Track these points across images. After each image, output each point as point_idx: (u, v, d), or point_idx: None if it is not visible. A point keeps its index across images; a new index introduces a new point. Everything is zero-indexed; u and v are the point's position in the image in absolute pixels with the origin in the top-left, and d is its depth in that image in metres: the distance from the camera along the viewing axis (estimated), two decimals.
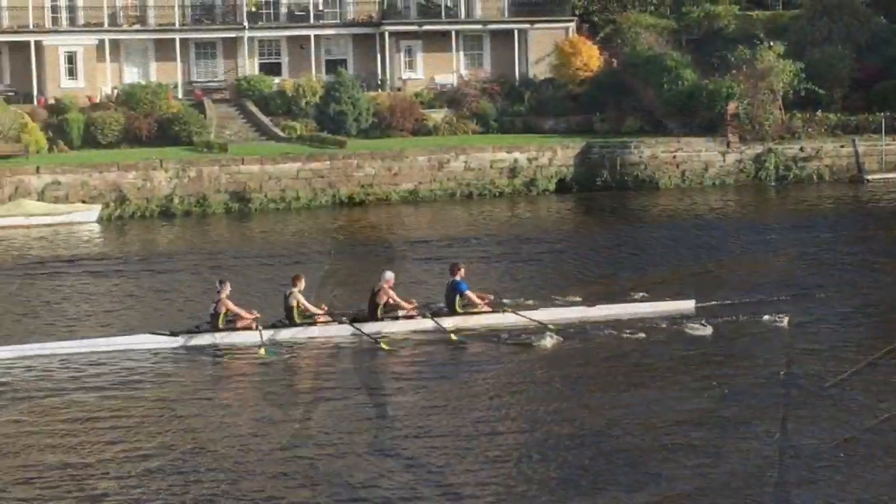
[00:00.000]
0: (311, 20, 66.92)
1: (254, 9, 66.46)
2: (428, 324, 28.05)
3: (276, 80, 65.10)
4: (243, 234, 49.07)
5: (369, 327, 27.55)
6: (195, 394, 23.70)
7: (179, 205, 53.68)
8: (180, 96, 63.46)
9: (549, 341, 26.52)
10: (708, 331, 27.30)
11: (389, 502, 17.38)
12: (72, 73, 62.29)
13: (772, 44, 62.40)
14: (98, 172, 53.47)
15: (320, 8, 67.42)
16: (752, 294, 31.52)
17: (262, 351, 26.12)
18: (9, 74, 63.24)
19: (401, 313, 28.07)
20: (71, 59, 62.36)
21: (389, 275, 28.23)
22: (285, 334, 27.52)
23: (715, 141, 60.46)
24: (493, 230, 47.50)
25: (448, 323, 27.81)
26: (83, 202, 52.57)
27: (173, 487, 18.15)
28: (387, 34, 67.25)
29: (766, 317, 28.36)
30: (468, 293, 28.33)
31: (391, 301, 27.93)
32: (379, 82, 66.77)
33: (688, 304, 29.73)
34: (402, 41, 68.15)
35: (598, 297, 31.33)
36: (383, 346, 26.50)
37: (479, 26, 69.21)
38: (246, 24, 65.78)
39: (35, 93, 61.74)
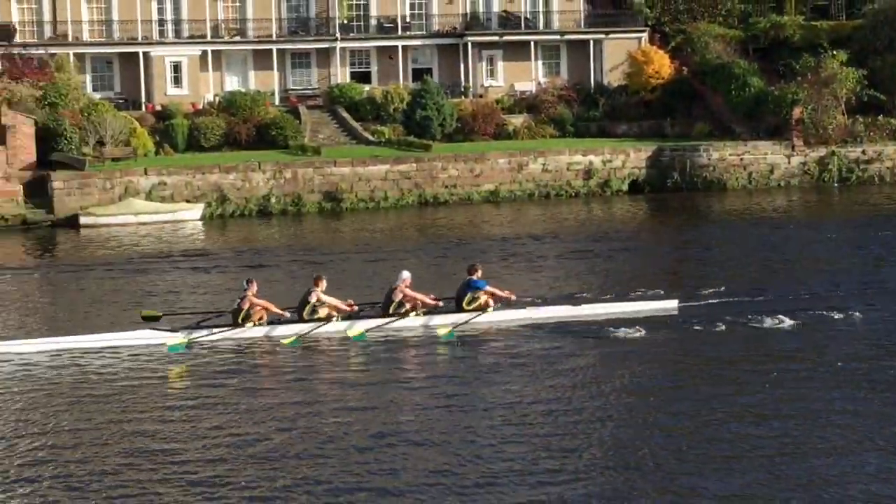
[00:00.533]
0: (399, 31, 67.02)
1: (346, 21, 66.68)
2: (419, 320, 27.63)
3: (366, 87, 65.23)
4: (335, 232, 49.12)
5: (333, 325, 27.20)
6: (240, 385, 23.45)
7: (276, 204, 53.99)
8: (277, 103, 63.80)
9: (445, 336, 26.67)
10: (788, 324, 26.88)
11: (471, 488, 17.25)
12: (177, 81, 62.83)
13: (835, 52, 61.76)
14: (201, 174, 53.81)
15: (408, 20, 67.52)
16: (815, 289, 31.20)
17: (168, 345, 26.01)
18: (119, 83, 63.86)
19: (407, 307, 27.65)
20: (176, 68, 62.89)
21: (406, 274, 28.00)
22: (281, 330, 27.08)
23: (780, 144, 59.93)
24: (569, 229, 47.23)
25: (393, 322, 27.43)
26: (187, 201, 52.98)
27: (263, 473, 18.12)
28: (470, 44, 67.19)
29: (825, 312, 28.02)
30: (488, 288, 28.01)
31: (408, 298, 27.58)
32: (462, 89, 66.73)
33: (671, 304, 29.10)
34: (484, 51, 68.05)
35: (671, 291, 31.15)
36: (283, 342, 26.22)
37: (556, 37, 68.93)
38: (338, 35, 66.01)
39: (143, 100, 62.31)
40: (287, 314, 27.33)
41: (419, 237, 46.37)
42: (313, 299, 27.21)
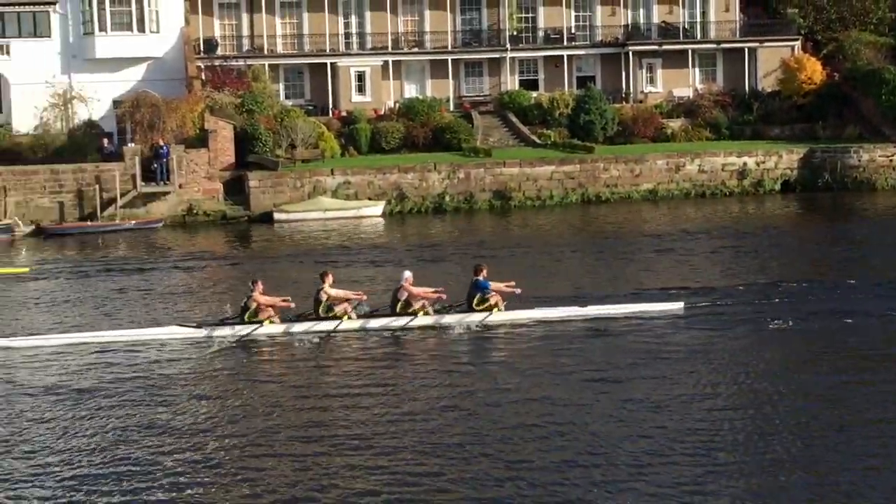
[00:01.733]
0: (565, 42, 66.94)
1: (515, 33, 66.83)
2: (429, 319, 27.25)
3: (534, 94, 65.24)
4: (504, 228, 49.30)
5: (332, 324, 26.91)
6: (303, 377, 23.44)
7: (450, 202, 54.46)
8: (451, 108, 64.11)
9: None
10: None
11: (619, 475, 17.19)
12: (361, 89, 63.56)
13: None
14: (382, 174, 54.44)
15: (573, 31, 67.39)
16: None
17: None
18: (309, 91, 64.81)
19: (416, 305, 27.22)
20: (360, 77, 63.68)
21: (407, 274, 27.68)
22: (299, 327, 26.87)
23: None
24: (722, 226, 46.68)
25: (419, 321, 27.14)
26: (370, 199, 53.61)
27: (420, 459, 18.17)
28: (631, 53, 66.84)
29: None
30: (492, 287, 27.46)
31: (412, 296, 27.18)
32: (623, 95, 66.38)
33: (676, 306, 28.33)
34: (644, 59, 67.59)
35: (814, 283, 30.69)
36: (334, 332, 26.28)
37: (712, 45, 68.08)
38: (508, 46, 66.26)
39: (330, 106, 63.06)
40: (293, 304, 27.06)
41: (581, 233, 46.38)
42: (323, 297, 26.89)
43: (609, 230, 46.65)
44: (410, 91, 65.44)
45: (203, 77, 59.45)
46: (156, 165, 52.31)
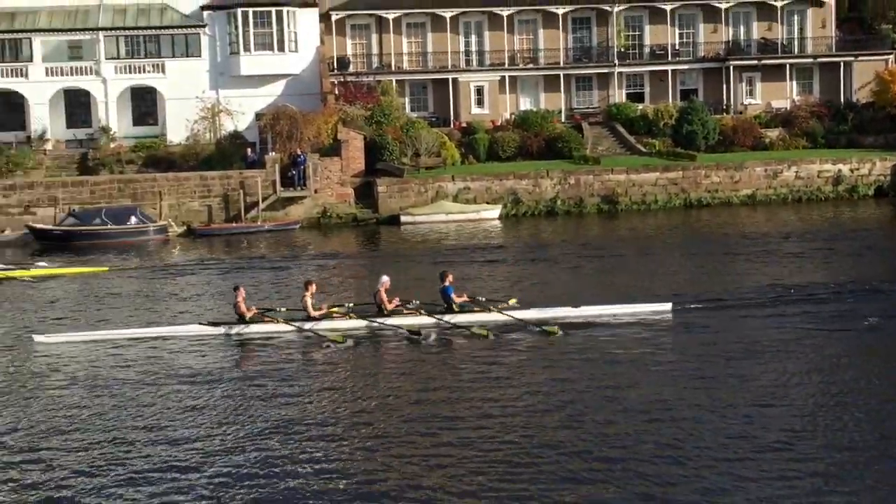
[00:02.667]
0: (669, 57, 66.97)
1: (622, 49, 67.07)
2: (429, 320, 26.33)
3: (640, 106, 65.29)
4: (610, 230, 49.26)
5: (394, 321, 26.21)
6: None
7: (561, 206, 54.78)
8: (563, 120, 64.44)
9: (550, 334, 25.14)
10: None
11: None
12: (479, 102, 64.17)
13: None
14: (499, 180, 54.89)
15: (677, 48, 67.37)
16: None
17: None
18: (432, 104, 65.55)
19: (407, 308, 26.50)
20: (479, 91, 64.34)
21: (384, 279, 26.67)
22: (317, 325, 26.21)
23: None
24: (815, 229, 46.25)
25: (456, 318, 26.32)
26: (487, 203, 54.08)
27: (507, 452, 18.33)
28: (731, 67, 66.63)
29: None
30: (452, 295, 26.56)
31: (384, 302, 26.41)
32: (724, 107, 66.17)
33: (664, 307, 27.18)
34: (744, 73, 67.32)
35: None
36: (477, 332, 24.97)
37: (809, 60, 67.52)
38: (616, 61, 66.50)
39: (452, 118, 63.80)
40: (256, 310, 26.52)
41: (682, 235, 46.22)
42: (306, 304, 26.48)
43: (709, 232, 46.51)
44: (525, 104, 65.95)
45: (336, 92, 60.51)
46: (293, 172, 53.51)
